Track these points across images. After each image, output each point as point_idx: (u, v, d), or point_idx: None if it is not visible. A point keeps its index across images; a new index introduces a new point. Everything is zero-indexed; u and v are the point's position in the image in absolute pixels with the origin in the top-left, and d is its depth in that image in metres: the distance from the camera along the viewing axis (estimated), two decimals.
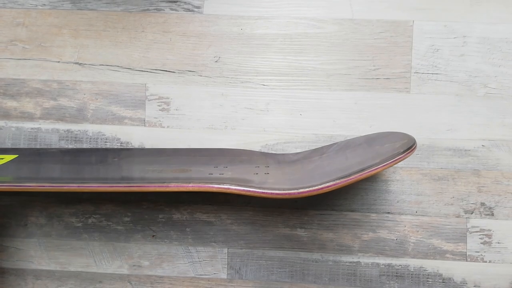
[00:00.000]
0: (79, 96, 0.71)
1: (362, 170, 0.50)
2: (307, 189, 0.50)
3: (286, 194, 0.51)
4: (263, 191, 0.51)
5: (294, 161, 0.64)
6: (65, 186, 0.53)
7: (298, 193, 0.51)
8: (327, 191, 0.50)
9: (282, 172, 0.60)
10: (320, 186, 0.50)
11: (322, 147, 0.67)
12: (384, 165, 0.51)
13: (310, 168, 0.59)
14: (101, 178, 0.58)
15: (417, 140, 0.68)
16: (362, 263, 0.69)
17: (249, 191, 0.52)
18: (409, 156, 0.52)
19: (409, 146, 0.53)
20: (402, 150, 0.52)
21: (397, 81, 0.69)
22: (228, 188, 0.52)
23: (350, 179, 0.50)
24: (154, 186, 0.52)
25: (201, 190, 0.52)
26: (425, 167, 0.69)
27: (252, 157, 0.65)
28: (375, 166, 0.51)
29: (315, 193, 0.50)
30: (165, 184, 0.52)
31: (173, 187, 0.52)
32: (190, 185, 0.52)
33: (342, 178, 0.50)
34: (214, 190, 0.52)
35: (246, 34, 0.71)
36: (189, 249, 0.70)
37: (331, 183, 0.50)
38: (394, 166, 0.69)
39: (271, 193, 0.51)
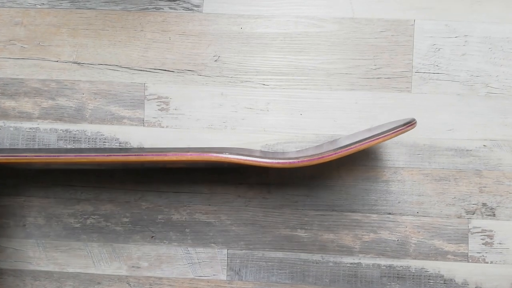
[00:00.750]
0: (77, 95, 0.71)
1: (362, 140, 0.51)
2: (307, 159, 0.51)
3: (286, 163, 0.51)
4: (263, 160, 0.51)
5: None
6: (61, 156, 0.52)
7: (298, 161, 0.51)
8: (328, 160, 0.51)
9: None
10: (320, 156, 0.51)
11: (322, 144, 0.67)
12: (385, 135, 0.52)
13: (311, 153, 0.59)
14: (99, 149, 0.57)
15: (418, 140, 0.69)
16: (363, 264, 0.69)
17: (248, 160, 0.51)
18: (408, 129, 0.53)
19: (409, 121, 0.54)
20: (402, 123, 0.53)
21: (398, 81, 0.69)
22: (227, 158, 0.51)
23: (350, 148, 0.51)
24: (152, 155, 0.51)
25: (199, 159, 0.51)
26: (426, 167, 0.69)
27: (252, 153, 0.65)
28: (375, 137, 0.52)
29: (315, 162, 0.51)
30: (163, 153, 0.51)
31: (171, 155, 0.51)
32: (188, 153, 0.51)
33: (342, 147, 0.51)
34: (213, 159, 0.51)
35: (246, 33, 0.70)
36: (188, 250, 0.70)
37: (332, 152, 0.51)
38: (395, 166, 0.69)
39: (272, 162, 0.51)
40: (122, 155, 0.51)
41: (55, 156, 0.52)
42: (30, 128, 0.71)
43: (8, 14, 0.72)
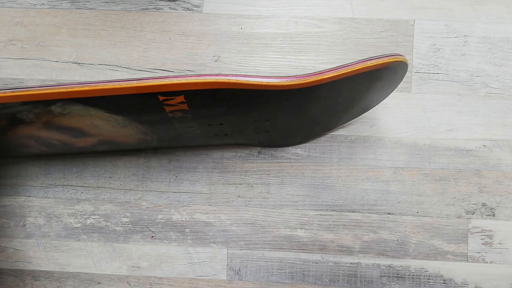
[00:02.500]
0: None
1: (364, 59, 0.54)
2: (305, 75, 0.52)
3: (284, 80, 0.51)
4: (263, 79, 0.51)
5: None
6: (65, 85, 0.51)
7: (296, 77, 0.52)
8: (327, 76, 0.52)
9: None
10: (319, 72, 0.52)
11: None
12: (380, 57, 0.53)
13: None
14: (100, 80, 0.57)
15: (418, 140, 0.69)
16: (363, 264, 0.69)
17: (247, 80, 0.51)
18: (402, 59, 0.54)
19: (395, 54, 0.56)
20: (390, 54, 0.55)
21: None
22: (226, 79, 0.51)
23: (350, 64, 0.53)
24: (153, 79, 0.51)
25: (199, 81, 0.50)
26: (426, 167, 0.69)
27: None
28: (378, 56, 0.54)
29: (312, 78, 0.52)
30: (163, 77, 0.51)
31: (172, 78, 0.51)
32: (188, 76, 0.51)
33: (341, 65, 0.53)
34: (212, 80, 0.50)
35: (245, 33, 0.70)
36: (188, 250, 0.70)
37: (330, 69, 0.53)
38: (395, 166, 0.69)
39: (270, 82, 0.51)
40: (124, 81, 0.51)
41: (58, 86, 0.51)
42: None
43: (8, 14, 0.72)
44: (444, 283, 0.68)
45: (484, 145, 0.69)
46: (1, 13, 0.72)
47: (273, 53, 0.70)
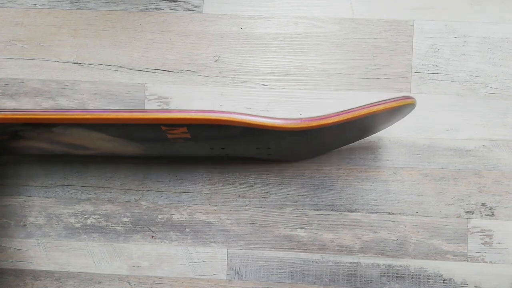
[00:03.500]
0: (78, 96, 0.71)
1: (367, 104, 0.54)
2: (309, 119, 0.52)
3: (290, 123, 0.52)
4: (268, 120, 0.52)
5: None
6: (68, 112, 0.51)
7: (301, 121, 0.52)
8: (331, 121, 0.52)
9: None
10: (323, 117, 0.52)
11: None
12: (389, 101, 0.53)
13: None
14: (105, 108, 0.57)
15: (417, 140, 0.69)
16: (363, 264, 0.69)
17: (252, 120, 0.51)
18: (411, 101, 0.55)
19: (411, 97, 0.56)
20: (406, 95, 0.55)
21: (398, 81, 0.69)
22: (231, 117, 0.51)
23: (353, 111, 0.53)
24: (157, 112, 0.51)
25: (203, 117, 0.51)
26: (425, 167, 0.69)
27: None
28: (381, 102, 0.54)
29: (316, 122, 0.52)
30: (167, 110, 0.52)
31: (176, 113, 0.51)
32: (192, 111, 0.51)
33: (345, 111, 0.53)
34: (216, 117, 0.51)
35: (245, 34, 0.71)
36: (188, 250, 0.70)
37: (334, 114, 0.53)
38: (394, 166, 0.69)
39: (275, 123, 0.52)
40: (128, 112, 0.51)
41: (61, 112, 0.52)
42: None
43: (8, 14, 0.72)
44: (443, 282, 0.68)
45: (483, 145, 0.69)
46: (1, 13, 0.72)
47: (273, 53, 0.70)
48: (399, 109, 0.55)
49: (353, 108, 0.54)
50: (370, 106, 0.54)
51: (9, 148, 0.66)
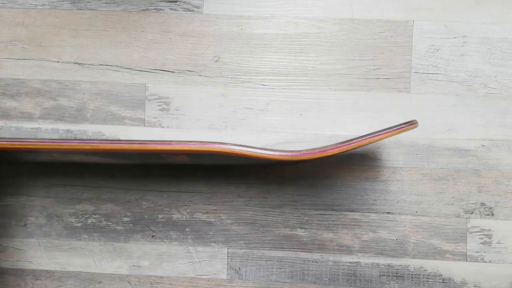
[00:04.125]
0: (78, 96, 0.71)
1: (364, 136, 0.53)
2: (309, 152, 0.52)
3: (289, 155, 0.51)
4: (266, 152, 0.51)
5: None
6: (65, 143, 0.52)
7: (301, 154, 0.52)
8: (330, 153, 0.52)
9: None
10: (322, 149, 0.52)
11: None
12: (387, 132, 0.53)
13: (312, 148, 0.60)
14: (102, 139, 0.57)
15: (417, 140, 0.69)
16: (362, 263, 0.69)
17: (251, 152, 0.51)
18: (410, 128, 0.54)
19: (410, 121, 0.55)
20: (403, 122, 0.54)
21: (397, 81, 0.69)
22: (230, 149, 0.51)
23: (352, 143, 0.52)
24: (155, 144, 0.51)
25: (202, 149, 0.51)
26: (425, 167, 0.69)
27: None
28: (377, 133, 0.53)
29: (317, 155, 0.52)
30: (166, 142, 0.52)
31: (174, 145, 0.51)
32: (191, 143, 0.51)
33: (344, 142, 0.52)
34: (215, 149, 0.51)
35: (245, 34, 0.71)
36: (188, 249, 0.70)
37: (334, 146, 0.52)
38: (394, 166, 0.69)
39: (275, 155, 0.51)
40: (126, 143, 0.51)
41: (59, 142, 0.52)
42: (32, 128, 0.71)
43: (9, 14, 0.72)
44: (443, 282, 0.68)
45: (483, 145, 0.69)
46: (2, 13, 0.72)
47: (273, 54, 0.70)
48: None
49: (354, 140, 0.53)
50: (372, 137, 0.53)
51: (10, 159, 0.66)
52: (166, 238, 0.70)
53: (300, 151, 0.52)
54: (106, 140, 0.53)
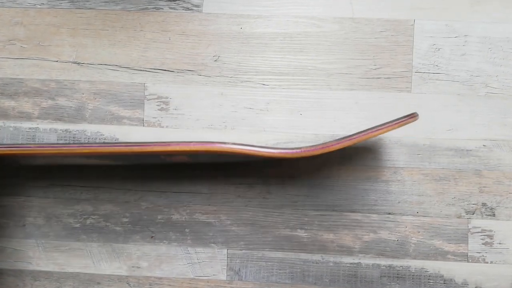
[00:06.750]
0: (77, 95, 0.71)
1: (364, 131, 0.53)
2: (311, 148, 0.51)
3: (289, 153, 0.51)
4: (267, 150, 0.51)
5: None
6: (64, 147, 0.52)
7: (301, 151, 0.51)
8: (331, 149, 0.52)
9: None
10: (323, 146, 0.52)
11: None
12: (387, 126, 0.53)
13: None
14: (101, 142, 0.57)
15: (418, 140, 0.69)
16: (363, 264, 0.68)
17: (252, 150, 0.51)
18: (410, 121, 0.54)
19: (411, 114, 0.55)
20: (403, 116, 0.54)
21: (398, 81, 0.69)
22: (230, 148, 0.51)
23: (353, 138, 0.52)
24: (155, 145, 0.51)
25: (202, 149, 0.51)
26: (426, 167, 0.69)
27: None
28: (378, 128, 0.53)
29: (318, 151, 0.51)
30: (166, 143, 0.51)
31: (174, 145, 0.51)
32: (191, 143, 0.51)
33: (345, 138, 0.52)
34: (216, 149, 0.51)
35: (245, 33, 0.70)
36: (188, 250, 0.70)
37: (334, 142, 0.52)
38: (395, 166, 0.69)
39: (275, 152, 0.51)
40: (125, 146, 0.51)
41: (58, 147, 0.52)
42: (30, 128, 0.71)
43: (8, 14, 0.72)
44: (444, 283, 0.68)
45: (484, 145, 0.68)
46: (1, 12, 0.72)
47: (273, 53, 0.70)
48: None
49: (354, 135, 0.53)
50: (373, 131, 0.53)
51: (8, 162, 0.66)
52: (165, 239, 0.70)
53: (300, 148, 0.52)
54: (105, 143, 0.53)
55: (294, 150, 0.52)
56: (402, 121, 0.53)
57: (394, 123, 0.53)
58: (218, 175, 0.70)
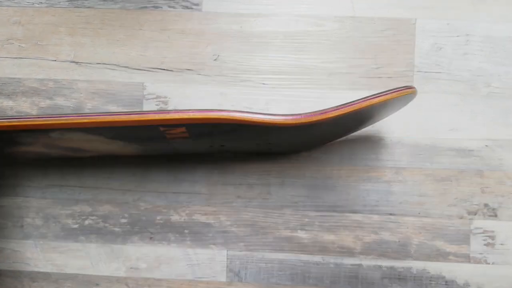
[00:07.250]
0: (75, 95, 0.71)
1: (366, 97, 0.54)
2: (311, 114, 0.53)
3: (289, 119, 0.52)
4: (267, 117, 0.52)
5: None
6: (63, 117, 0.52)
7: (301, 117, 0.53)
8: (331, 115, 0.53)
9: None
10: (323, 111, 0.53)
11: None
12: (385, 94, 0.54)
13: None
14: (101, 112, 0.58)
15: (419, 140, 0.68)
16: (364, 266, 0.68)
17: (251, 117, 0.52)
18: (409, 92, 0.55)
19: (409, 85, 0.56)
20: (401, 86, 0.56)
21: (400, 80, 0.69)
22: (230, 116, 0.52)
23: (353, 104, 0.53)
24: (154, 114, 0.52)
25: (202, 117, 0.51)
26: (427, 167, 0.68)
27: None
28: (377, 95, 0.54)
29: (317, 117, 0.53)
30: (165, 111, 0.52)
31: (173, 113, 0.52)
32: (191, 111, 0.52)
33: (345, 104, 0.54)
34: (215, 116, 0.52)
35: (245, 32, 0.70)
36: (187, 251, 0.69)
37: (334, 108, 0.53)
38: (396, 166, 0.68)
39: (274, 119, 0.52)
40: (125, 114, 0.52)
41: (57, 117, 0.53)
42: None
43: (6, 13, 0.72)
44: (446, 284, 0.68)
45: (486, 145, 0.68)
46: None
47: (273, 52, 0.70)
48: (399, 99, 0.56)
49: (353, 102, 0.54)
50: (371, 99, 0.54)
51: (5, 156, 0.66)
52: (165, 240, 0.70)
53: (300, 114, 0.53)
54: (105, 112, 0.53)
55: (294, 116, 0.53)
56: (401, 91, 0.55)
57: (393, 91, 0.54)
58: (217, 176, 0.70)
